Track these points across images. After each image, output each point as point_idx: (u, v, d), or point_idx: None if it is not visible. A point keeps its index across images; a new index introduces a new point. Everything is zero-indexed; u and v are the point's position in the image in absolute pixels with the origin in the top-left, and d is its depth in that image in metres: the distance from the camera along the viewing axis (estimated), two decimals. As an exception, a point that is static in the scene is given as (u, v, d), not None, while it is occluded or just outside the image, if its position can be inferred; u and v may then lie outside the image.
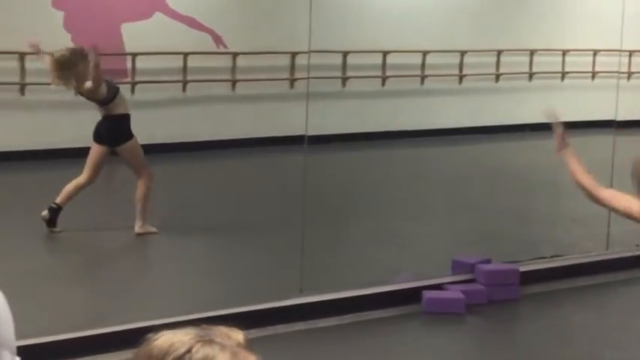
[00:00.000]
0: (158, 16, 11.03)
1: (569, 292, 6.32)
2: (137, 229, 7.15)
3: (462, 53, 12.98)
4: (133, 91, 10.83)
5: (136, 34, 10.86)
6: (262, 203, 8.60)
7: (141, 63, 10.90)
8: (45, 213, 7.13)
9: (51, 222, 7.13)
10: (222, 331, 1.35)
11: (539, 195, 9.58)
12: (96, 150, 7.19)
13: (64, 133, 10.43)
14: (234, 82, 11.62)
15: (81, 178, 7.18)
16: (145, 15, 10.95)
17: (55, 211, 7.14)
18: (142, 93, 10.88)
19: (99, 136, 7.19)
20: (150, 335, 1.34)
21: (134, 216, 7.15)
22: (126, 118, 7.19)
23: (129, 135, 7.15)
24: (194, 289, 6.14)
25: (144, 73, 10.94)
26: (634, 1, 8.21)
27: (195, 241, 7.26)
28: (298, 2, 6.96)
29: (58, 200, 7.15)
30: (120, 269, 6.83)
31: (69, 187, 7.18)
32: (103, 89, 7.03)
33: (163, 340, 1.32)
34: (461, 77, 13.13)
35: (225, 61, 11.50)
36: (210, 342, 1.32)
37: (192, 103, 11.36)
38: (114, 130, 7.12)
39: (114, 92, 7.16)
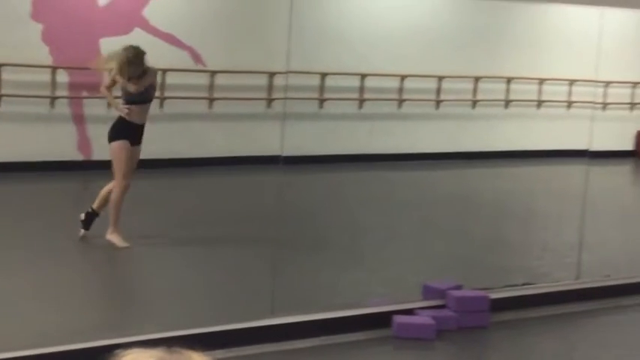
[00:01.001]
0: (137, 32, 11.02)
1: (539, 320, 6.34)
2: (107, 234, 7.25)
3: (440, 79, 13.06)
4: (109, 106, 10.80)
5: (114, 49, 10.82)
6: (236, 222, 8.59)
7: (119, 78, 10.87)
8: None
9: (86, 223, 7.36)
10: (190, 357, 1.36)
11: (512, 222, 9.64)
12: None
13: (40, 145, 10.40)
14: (211, 100, 11.61)
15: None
16: (125, 30, 10.94)
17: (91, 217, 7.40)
18: (119, 108, 10.87)
19: None
20: (118, 351, 1.35)
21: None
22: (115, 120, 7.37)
23: (111, 138, 7.26)
24: (164, 307, 6.10)
25: (121, 88, 10.90)
26: (610, 34, 8.30)
27: (167, 258, 7.24)
28: (278, 23, 6.98)
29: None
30: (89, 286, 6.78)
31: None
32: None
33: (129, 358, 1.33)
34: (438, 102, 13.21)
35: (203, 79, 11.51)
36: None
37: (170, 120, 11.33)
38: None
39: None
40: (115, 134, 7.23)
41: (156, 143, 11.19)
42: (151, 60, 11.01)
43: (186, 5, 11.45)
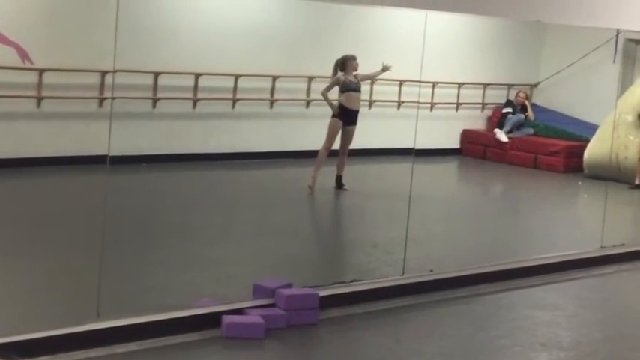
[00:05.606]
0: (-42, 28, 10.58)
1: (366, 316, 6.50)
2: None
3: (274, 78, 13.14)
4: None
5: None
6: (61, 224, 8.38)
7: (-62, 76, 10.43)
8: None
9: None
10: None
11: (343, 220, 9.82)
12: None
13: None
14: (39, 99, 11.27)
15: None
16: (-57, 26, 10.48)
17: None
18: (-60, 107, 10.43)
19: None
20: None
21: None
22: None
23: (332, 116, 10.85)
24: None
25: (-58, 86, 10.47)
26: (436, 35, 8.56)
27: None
28: (110, 20, 6.88)
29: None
30: None
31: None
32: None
33: None
34: (272, 102, 13.29)
35: (31, 77, 11.15)
36: None
37: (-6, 119, 10.94)
38: None
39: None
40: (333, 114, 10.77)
41: (-21, 143, 10.82)
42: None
43: (12, 0, 11.07)
